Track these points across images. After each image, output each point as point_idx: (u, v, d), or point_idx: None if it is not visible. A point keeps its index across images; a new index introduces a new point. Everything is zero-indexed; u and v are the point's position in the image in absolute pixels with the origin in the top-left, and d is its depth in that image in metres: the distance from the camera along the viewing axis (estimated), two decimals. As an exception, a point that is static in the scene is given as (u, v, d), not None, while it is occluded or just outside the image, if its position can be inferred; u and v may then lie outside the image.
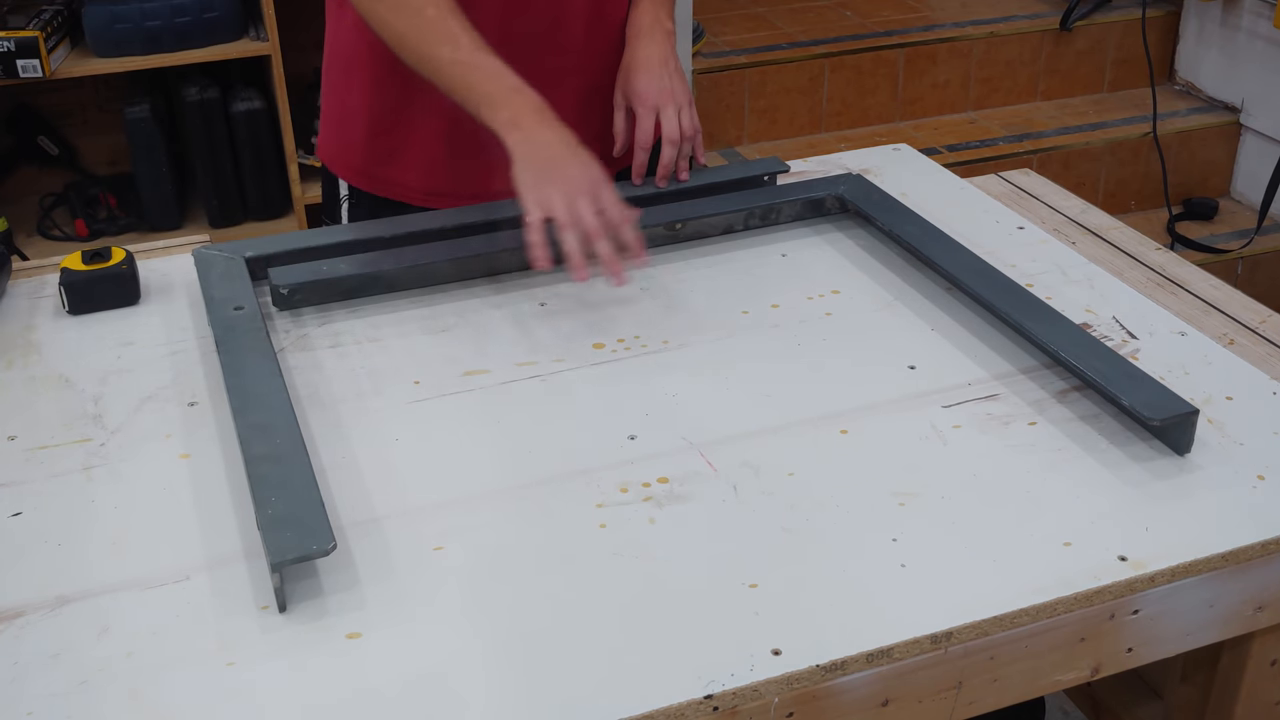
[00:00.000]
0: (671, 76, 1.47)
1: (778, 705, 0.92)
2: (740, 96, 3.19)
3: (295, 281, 1.35)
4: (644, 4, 1.53)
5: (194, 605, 0.98)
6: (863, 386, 1.24)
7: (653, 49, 1.48)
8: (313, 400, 1.22)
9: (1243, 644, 1.15)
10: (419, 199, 1.53)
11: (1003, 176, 1.72)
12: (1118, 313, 1.37)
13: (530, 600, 0.98)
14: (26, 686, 0.91)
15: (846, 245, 1.50)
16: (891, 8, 3.54)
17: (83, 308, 1.36)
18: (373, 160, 1.55)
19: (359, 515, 1.07)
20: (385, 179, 1.55)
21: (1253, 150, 3.33)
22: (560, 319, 1.35)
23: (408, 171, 1.53)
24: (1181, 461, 1.14)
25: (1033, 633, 1.00)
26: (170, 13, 2.58)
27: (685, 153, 1.49)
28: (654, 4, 1.53)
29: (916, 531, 1.05)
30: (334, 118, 1.59)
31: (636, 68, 1.48)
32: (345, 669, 0.92)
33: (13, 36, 2.46)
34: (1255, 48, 3.25)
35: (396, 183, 1.55)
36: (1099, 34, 3.43)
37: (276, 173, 2.81)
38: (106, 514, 1.08)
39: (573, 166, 1.31)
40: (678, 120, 1.46)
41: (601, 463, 1.13)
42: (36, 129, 2.87)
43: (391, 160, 1.54)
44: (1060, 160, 3.20)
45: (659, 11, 1.52)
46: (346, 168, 1.58)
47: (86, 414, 1.20)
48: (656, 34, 1.49)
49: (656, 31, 1.50)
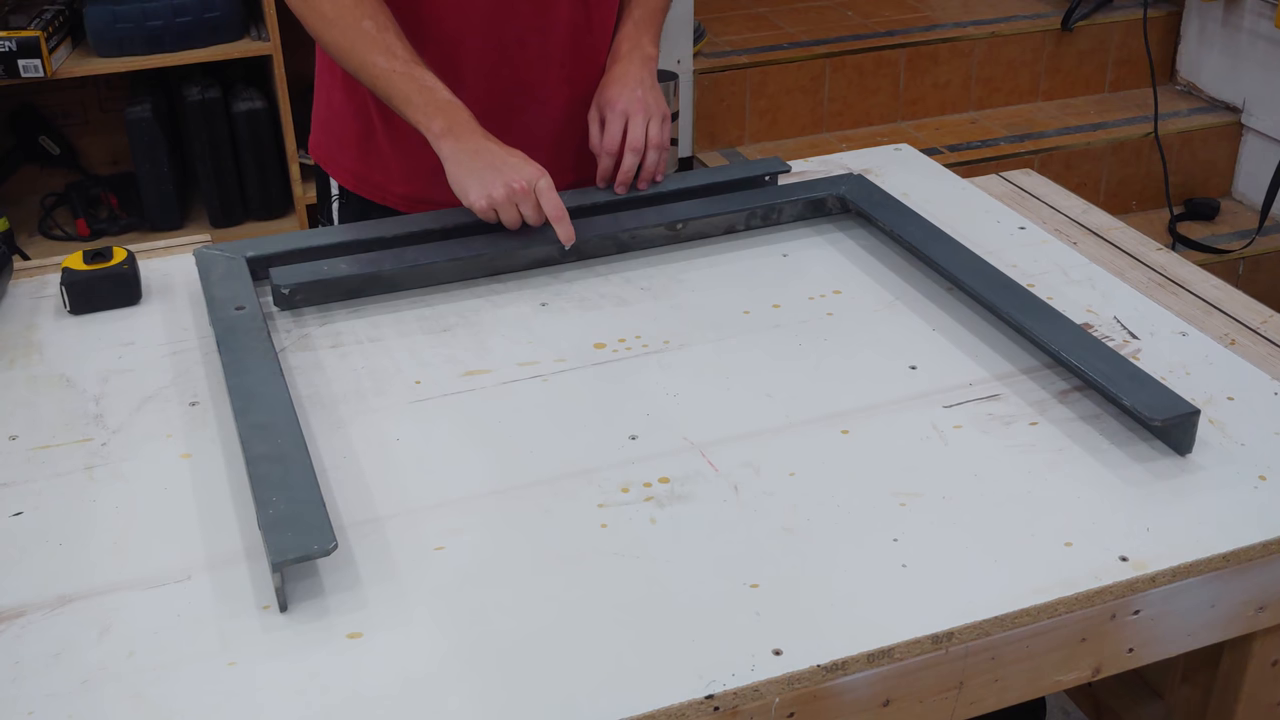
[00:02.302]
0: (646, 91, 1.47)
1: (779, 705, 0.92)
2: (741, 96, 3.19)
3: (296, 281, 1.35)
4: (626, 28, 1.53)
5: (195, 605, 0.98)
6: (864, 386, 1.24)
7: (630, 68, 1.49)
8: (314, 400, 1.22)
9: (1244, 644, 1.15)
10: (401, 204, 1.54)
11: (1004, 177, 1.72)
12: (1119, 313, 1.37)
13: (531, 600, 0.98)
14: (27, 686, 0.91)
15: (848, 245, 1.50)
16: (893, 8, 3.54)
17: (84, 307, 1.36)
18: (359, 162, 1.56)
19: (360, 515, 1.07)
20: (371, 181, 1.56)
21: (1254, 150, 3.33)
22: (561, 319, 1.35)
23: (390, 177, 1.54)
24: (1183, 462, 1.14)
25: (1034, 633, 0.99)
26: (171, 12, 2.58)
27: (650, 162, 1.48)
28: (636, 29, 1.53)
29: (917, 531, 1.05)
30: (323, 118, 1.60)
31: (610, 82, 1.49)
32: (346, 669, 0.92)
33: (14, 36, 2.46)
34: (1257, 48, 3.25)
35: (380, 186, 1.55)
36: (1100, 34, 3.43)
37: (278, 173, 2.81)
38: (107, 514, 1.08)
39: (509, 165, 1.35)
40: (644, 130, 1.46)
41: (603, 463, 1.13)
42: (38, 129, 2.87)
43: (375, 164, 1.54)
44: (1061, 160, 3.20)
45: (641, 37, 1.52)
46: (336, 167, 1.59)
47: (88, 414, 1.20)
48: (635, 57, 1.50)
49: (635, 55, 1.51)
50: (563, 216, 1.36)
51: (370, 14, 1.38)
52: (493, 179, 1.35)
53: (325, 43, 1.42)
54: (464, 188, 1.36)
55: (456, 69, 1.45)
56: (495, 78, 1.48)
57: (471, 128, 1.37)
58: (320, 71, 1.57)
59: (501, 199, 1.35)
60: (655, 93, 1.48)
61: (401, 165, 1.52)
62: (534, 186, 1.35)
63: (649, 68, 1.50)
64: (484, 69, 1.48)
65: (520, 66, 1.49)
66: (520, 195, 1.35)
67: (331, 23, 1.39)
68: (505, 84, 1.49)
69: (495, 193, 1.34)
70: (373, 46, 1.37)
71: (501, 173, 1.35)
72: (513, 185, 1.34)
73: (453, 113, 1.37)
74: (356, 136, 1.54)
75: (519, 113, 1.51)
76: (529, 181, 1.35)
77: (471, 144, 1.36)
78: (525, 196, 1.35)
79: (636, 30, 1.53)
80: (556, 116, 1.54)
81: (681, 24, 3.03)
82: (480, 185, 1.35)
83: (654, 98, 1.48)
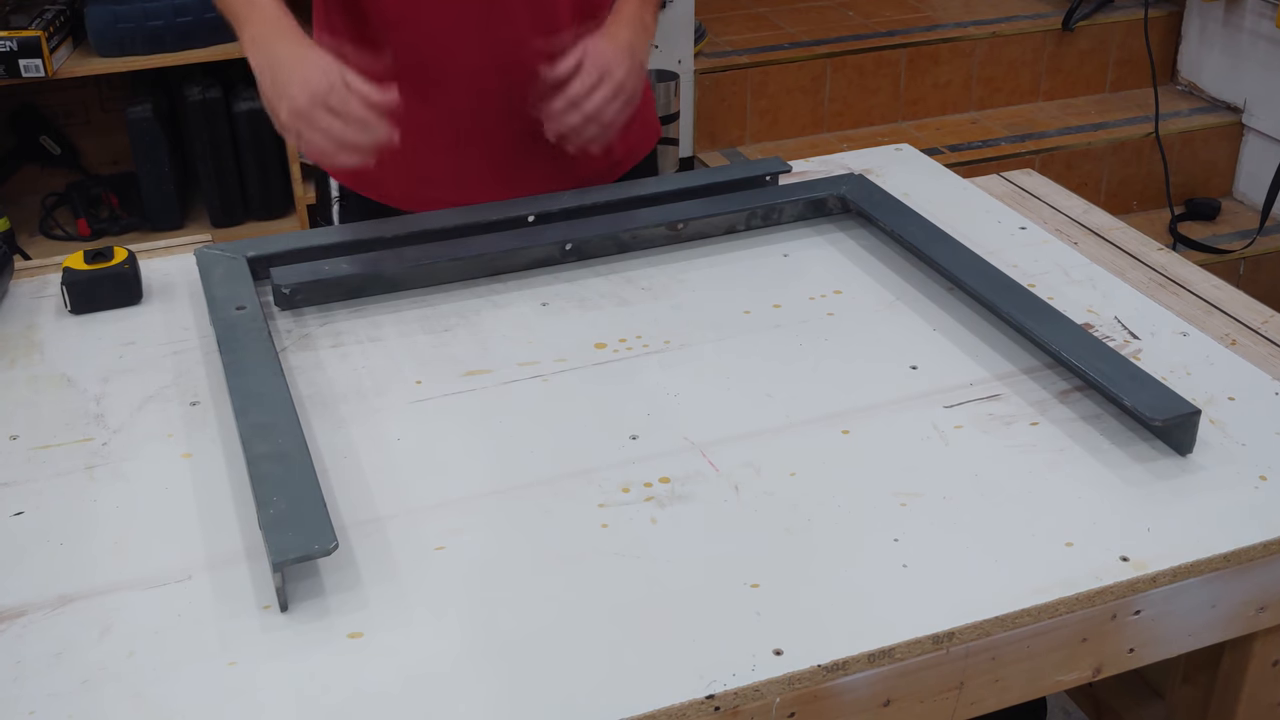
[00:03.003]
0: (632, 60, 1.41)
1: (779, 705, 0.92)
2: (742, 96, 3.19)
3: (297, 281, 1.35)
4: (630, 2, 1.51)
5: (196, 605, 0.98)
6: (864, 386, 1.24)
7: (627, 33, 1.44)
8: (314, 400, 1.22)
9: (1245, 645, 1.15)
10: (403, 203, 1.53)
11: (1005, 177, 1.72)
12: (1120, 313, 1.37)
13: (532, 600, 0.98)
14: (28, 686, 0.91)
15: (848, 245, 1.50)
16: (894, 7, 3.54)
17: (85, 307, 1.36)
18: None
19: (361, 515, 1.07)
20: (371, 181, 1.55)
21: (1255, 150, 3.33)
22: (562, 319, 1.35)
23: (390, 174, 1.53)
24: (1183, 462, 1.14)
25: (1034, 633, 0.99)
26: (172, 12, 2.59)
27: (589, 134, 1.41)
28: (641, 4, 1.51)
29: (918, 532, 1.05)
30: None
31: (606, 38, 1.42)
32: (347, 669, 0.92)
33: (15, 36, 2.46)
34: (1258, 48, 3.25)
35: (380, 185, 1.55)
36: (1101, 34, 3.43)
37: (278, 172, 2.81)
38: (108, 513, 1.08)
39: (303, 69, 1.27)
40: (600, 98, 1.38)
41: (603, 463, 1.13)
42: (39, 128, 2.87)
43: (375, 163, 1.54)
44: (1062, 160, 3.20)
45: (644, 7, 1.49)
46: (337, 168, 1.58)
47: (88, 413, 1.20)
48: (635, 24, 1.46)
49: (635, 23, 1.46)
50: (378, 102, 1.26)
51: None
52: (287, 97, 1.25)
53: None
54: (271, 104, 1.28)
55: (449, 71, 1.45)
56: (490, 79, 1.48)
57: (277, 32, 1.29)
58: None
59: (304, 105, 1.25)
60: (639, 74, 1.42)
61: (401, 163, 1.52)
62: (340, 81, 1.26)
63: (645, 37, 1.45)
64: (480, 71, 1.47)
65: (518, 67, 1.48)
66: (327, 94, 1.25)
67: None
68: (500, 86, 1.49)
69: (297, 100, 1.24)
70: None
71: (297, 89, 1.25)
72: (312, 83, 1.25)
73: (261, 19, 1.31)
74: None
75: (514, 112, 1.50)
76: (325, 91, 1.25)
77: (273, 49, 1.28)
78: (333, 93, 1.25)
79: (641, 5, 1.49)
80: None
81: (682, 24, 3.03)
82: (275, 103, 1.27)
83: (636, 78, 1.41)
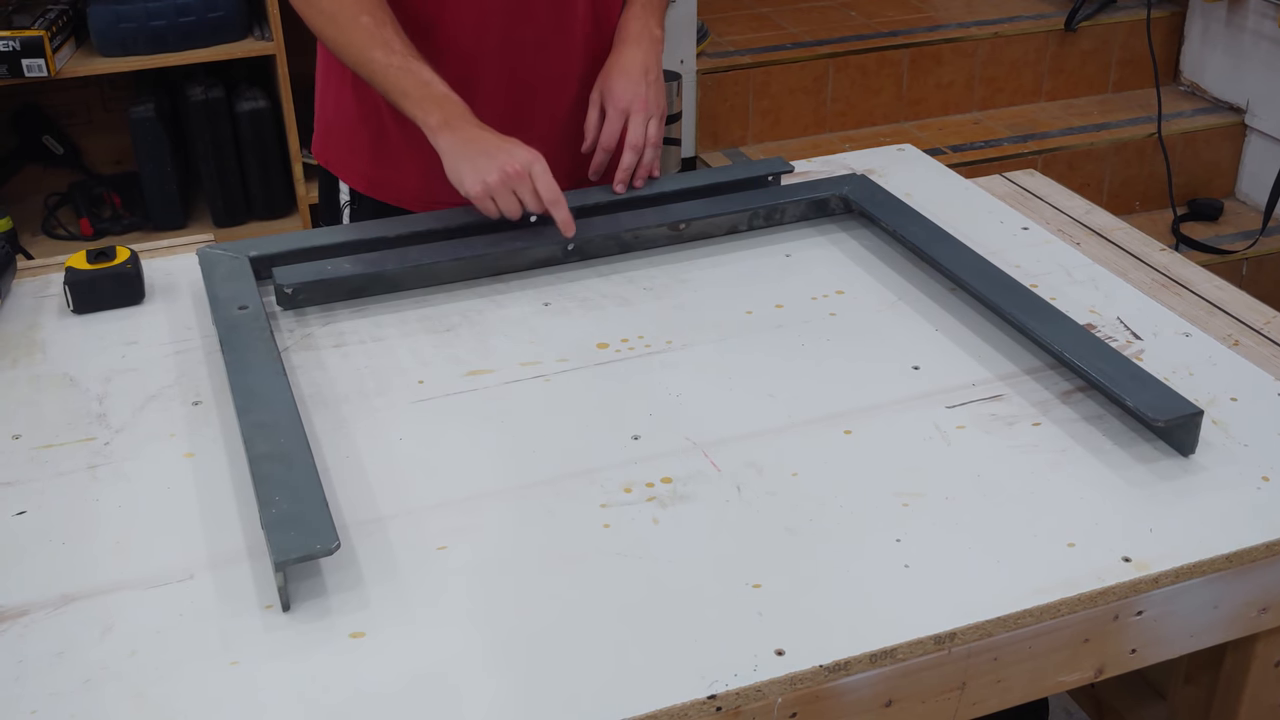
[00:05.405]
0: (650, 86, 1.48)
1: (781, 705, 0.92)
2: (744, 96, 3.19)
3: (299, 281, 1.35)
4: (634, 9, 1.53)
5: (197, 604, 0.98)
6: (866, 387, 1.24)
7: (637, 55, 1.49)
8: (316, 400, 1.22)
9: (1246, 645, 1.15)
10: (417, 204, 1.53)
11: (1007, 177, 1.72)
12: (1122, 313, 1.36)
13: (534, 600, 0.98)
14: (30, 685, 0.91)
15: (850, 245, 1.50)
16: (896, 8, 3.54)
17: (87, 307, 1.36)
18: (372, 165, 1.55)
19: (362, 515, 1.07)
20: (385, 183, 1.55)
21: (1258, 151, 3.32)
22: (564, 319, 1.35)
23: (405, 176, 1.54)
24: (1186, 462, 1.14)
25: (1036, 633, 0.99)
26: (175, 12, 2.58)
27: (647, 160, 1.49)
28: (644, 10, 1.53)
29: (920, 532, 1.05)
30: (328, 121, 1.59)
31: (617, 71, 1.48)
32: (348, 668, 0.92)
33: (18, 36, 2.46)
34: (1260, 48, 3.24)
35: (395, 187, 1.55)
36: (1104, 34, 3.43)
37: (281, 172, 2.81)
38: (110, 513, 1.08)
39: (503, 151, 1.35)
40: (644, 129, 1.47)
41: (605, 463, 1.13)
42: (41, 128, 2.87)
43: (389, 165, 1.54)
44: (1065, 161, 3.20)
45: (649, 18, 1.52)
46: (348, 171, 1.58)
47: (91, 413, 1.20)
48: (644, 41, 1.50)
49: (644, 38, 1.50)
50: (559, 201, 1.36)
51: (368, 9, 1.38)
52: (487, 165, 1.34)
53: (325, 38, 1.42)
54: (459, 176, 1.36)
55: (473, 76, 1.46)
56: (511, 83, 1.48)
57: (467, 119, 1.37)
58: (324, 73, 1.57)
59: (496, 184, 1.34)
60: (658, 87, 1.48)
61: (417, 164, 1.52)
62: (529, 170, 1.35)
63: (656, 51, 1.50)
64: (501, 74, 1.48)
65: (537, 63, 1.49)
66: (515, 179, 1.34)
67: (331, 18, 1.40)
68: (520, 88, 1.49)
69: (490, 178, 1.34)
70: (371, 41, 1.38)
71: (495, 158, 1.34)
72: (507, 170, 1.34)
73: (448, 105, 1.37)
74: (369, 139, 1.54)
75: (530, 114, 1.51)
76: (524, 165, 1.34)
77: (466, 134, 1.36)
78: (521, 180, 1.35)
79: (644, 11, 1.53)
80: (564, 117, 1.54)
81: (685, 24, 3.03)
82: (475, 172, 1.35)
83: (655, 94, 1.48)
